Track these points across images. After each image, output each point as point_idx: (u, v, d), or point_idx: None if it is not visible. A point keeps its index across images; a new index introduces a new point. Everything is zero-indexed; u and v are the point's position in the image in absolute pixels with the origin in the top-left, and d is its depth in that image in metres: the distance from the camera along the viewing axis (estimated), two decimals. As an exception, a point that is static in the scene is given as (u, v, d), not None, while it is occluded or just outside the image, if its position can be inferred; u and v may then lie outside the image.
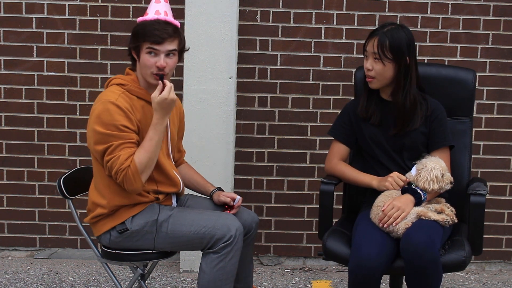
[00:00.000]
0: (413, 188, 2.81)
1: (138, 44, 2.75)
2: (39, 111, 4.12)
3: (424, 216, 2.74)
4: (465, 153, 3.13)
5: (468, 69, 3.20)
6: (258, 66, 4.09)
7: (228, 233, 2.74)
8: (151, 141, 2.70)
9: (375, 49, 2.87)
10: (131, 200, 2.80)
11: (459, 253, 2.73)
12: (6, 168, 4.15)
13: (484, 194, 2.79)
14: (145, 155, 2.68)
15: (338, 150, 3.08)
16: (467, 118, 3.15)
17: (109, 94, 2.74)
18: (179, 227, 2.79)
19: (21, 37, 4.07)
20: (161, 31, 2.72)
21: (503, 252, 4.22)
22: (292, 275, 4.05)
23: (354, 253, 2.67)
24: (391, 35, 2.86)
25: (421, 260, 2.58)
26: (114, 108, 2.68)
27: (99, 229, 2.85)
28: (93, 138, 2.71)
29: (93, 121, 2.70)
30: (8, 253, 4.23)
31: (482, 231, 2.82)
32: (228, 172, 3.94)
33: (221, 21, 3.85)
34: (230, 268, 2.77)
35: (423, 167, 2.82)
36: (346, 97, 4.06)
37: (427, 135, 2.96)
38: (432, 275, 2.61)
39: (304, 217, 4.19)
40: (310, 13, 4.07)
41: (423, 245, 2.59)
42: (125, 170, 2.65)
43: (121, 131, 2.68)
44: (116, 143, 2.66)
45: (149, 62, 2.73)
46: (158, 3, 2.81)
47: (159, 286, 3.83)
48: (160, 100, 2.68)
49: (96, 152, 2.73)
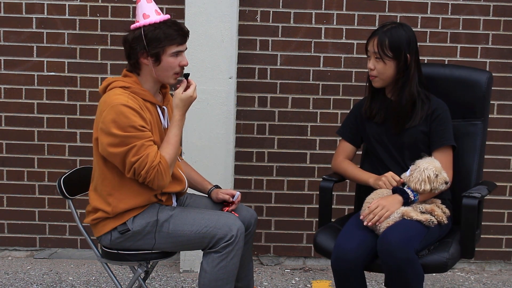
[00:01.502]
0: (402, 188, 2.81)
1: (161, 48, 2.73)
2: (39, 111, 4.12)
3: (407, 216, 2.74)
4: (474, 155, 3.07)
5: (482, 70, 3.15)
6: (258, 66, 4.09)
7: (229, 233, 2.74)
8: (176, 136, 2.76)
9: (376, 49, 2.90)
10: (142, 202, 2.78)
11: (441, 254, 2.73)
12: (6, 168, 4.15)
13: (477, 197, 2.76)
14: (173, 150, 2.74)
15: (343, 148, 3.14)
16: (479, 120, 3.09)
17: (117, 97, 2.69)
18: (181, 227, 2.79)
19: (21, 37, 4.07)
20: (181, 31, 2.75)
21: (503, 252, 4.22)
22: (292, 275, 4.06)
23: (335, 247, 2.75)
24: (391, 34, 2.89)
25: (394, 259, 2.60)
26: (128, 110, 2.66)
27: (100, 230, 2.84)
28: (109, 142, 2.66)
29: (108, 125, 2.65)
30: (8, 253, 4.23)
31: (473, 234, 2.78)
32: (228, 172, 3.94)
33: (221, 21, 3.85)
34: (231, 267, 2.78)
35: (416, 168, 2.82)
36: (346, 97, 4.07)
37: (427, 134, 2.96)
38: (408, 274, 2.61)
39: (304, 217, 4.19)
40: (310, 13, 4.07)
41: (396, 244, 2.60)
42: (156, 167, 2.66)
43: (140, 131, 2.67)
44: (139, 143, 2.65)
45: (174, 63, 2.76)
46: (150, 3, 2.78)
47: (159, 286, 3.83)
48: (185, 97, 2.76)
49: (113, 155, 2.68)
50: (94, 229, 2.88)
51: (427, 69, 3.06)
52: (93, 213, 2.84)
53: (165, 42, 2.71)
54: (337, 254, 2.72)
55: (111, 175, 2.76)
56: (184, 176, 2.96)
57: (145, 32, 2.72)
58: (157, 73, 2.78)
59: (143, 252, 2.85)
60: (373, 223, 2.75)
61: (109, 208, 2.77)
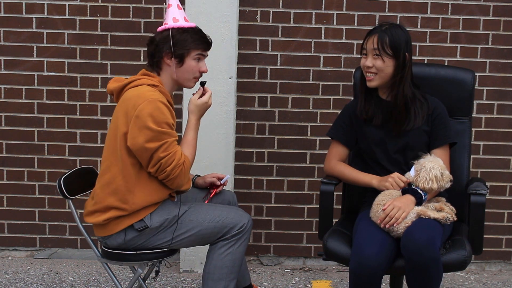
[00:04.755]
0: (414, 189, 2.81)
1: (186, 51, 2.85)
2: (39, 111, 4.12)
3: (424, 215, 2.74)
4: (464, 153, 3.13)
5: (466, 69, 3.20)
6: (258, 66, 4.09)
7: (240, 222, 2.88)
8: (194, 140, 2.91)
9: (375, 45, 2.89)
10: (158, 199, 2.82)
11: (460, 252, 2.73)
12: (6, 168, 4.15)
13: (485, 194, 2.80)
14: (193, 152, 2.89)
15: (337, 151, 3.09)
16: (466, 118, 3.16)
17: (152, 94, 2.76)
18: (197, 218, 2.87)
19: (21, 37, 4.07)
20: (207, 38, 2.91)
21: (503, 252, 4.22)
22: (292, 275, 4.06)
23: (354, 252, 2.67)
24: (390, 33, 2.90)
25: (422, 258, 2.58)
26: (164, 107, 2.75)
27: (112, 228, 2.81)
28: (145, 136, 2.70)
29: (144, 119, 2.69)
30: (8, 253, 4.23)
31: (482, 230, 2.82)
32: (228, 172, 3.93)
33: (221, 21, 3.85)
34: (237, 255, 2.87)
35: (422, 167, 2.82)
36: (346, 97, 4.07)
37: (429, 133, 2.97)
38: (432, 274, 2.61)
39: (304, 217, 4.19)
40: (310, 13, 4.07)
41: (424, 243, 2.59)
42: (181, 166, 2.77)
43: (172, 128, 2.77)
44: (170, 140, 2.75)
45: (195, 68, 2.90)
46: (180, 9, 2.93)
47: (159, 286, 3.83)
48: (200, 103, 2.92)
49: (144, 149, 2.71)
50: (103, 228, 2.84)
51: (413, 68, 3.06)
52: (103, 213, 2.80)
53: (191, 45, 2.86)
54: (358, 260, 2.64)
55: (133, 171, 2.78)
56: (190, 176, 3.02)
57: (173, 34, 2.85)
58: (178, 75, 2.89)
59: (143, 252, 2.85)
60: (390, 225, 2.73)
61: (126, 205, 2.77)
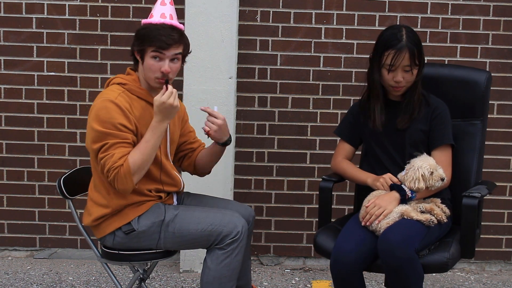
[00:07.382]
0: (399, 185, 2.82)
1: (142, 48, 2.73)
2: (39, 111, 4.12)
3: (407, 216, 2.74)
4: (473, 155, 3.06)
5: (481, 70, 3.15)
6: (258, 66, 4.09)
7: (234, 230, 2.76)
8: (147, 143, 2.69)
9: (408, 62, 2.85)
10: (129, 200, 2.78)
11: (442, 254, 2.73)
12: (6, 168, 4.15)
13: (477, 197, 2.75)
14: (140, 156, 2.66)
15: (343, 148, 3.13)
16: (478, 120, 3.08)
17: (108, 93, 2.74)
18: (187, 225, 2.78)
19: (21, 37, 4.07)
20: (167, 37, 2.69)
21: (503, 252, 4.22)
22: (292, 275, 4.06)
23: (334, 248, 2.74)
24: (414, 42, 2.85)
25: (394, 258, 2.60)
26: (113, 106, 2.67)
27: (103, 230, 2.82)
28: (90, 136, 2.71)
29: (91, 118, 2.71)
30: (8, 253, 4.23)
31: (473, 233, 2.78)
32: (228, 172, 3.94)
33: (221, 21, 3.85)
34: (235, 264, 2.79)
35: (411, 167, 2.83)
36: (346, 97, 4.07)
37: (427, 133, 2.96)
38: (408, 274, 2.61)
39: (304, 217, 4.19)
40: (310, 13, 4.07)
41: (397, 243, 2.60)
42: (117, 169, 2.63)
43: (118, 130, 2.67)
44: (111, 142, 2.65)
45: (154, 67, 2.73)
46: (164, 5, 2.78)
47: (159, 286, 3.83)
48: (158, 103, 2.68)
49: (92, 150, 2.72)
50: (96, 230, 2.86)
51: (426, 69, 3.05)
52: (92, 213, 2.82)
53: (147, 42, 2.71)
54: (336, 256, 2.71)
55: None
56: (180, 177, 2.96)
57: (137, 29, 2.78)
58: (143, 72, 2.79)
59: (143, 252, 2.85)
60: (370, 222, 2.76)
61: (104, 201, 2.77)
